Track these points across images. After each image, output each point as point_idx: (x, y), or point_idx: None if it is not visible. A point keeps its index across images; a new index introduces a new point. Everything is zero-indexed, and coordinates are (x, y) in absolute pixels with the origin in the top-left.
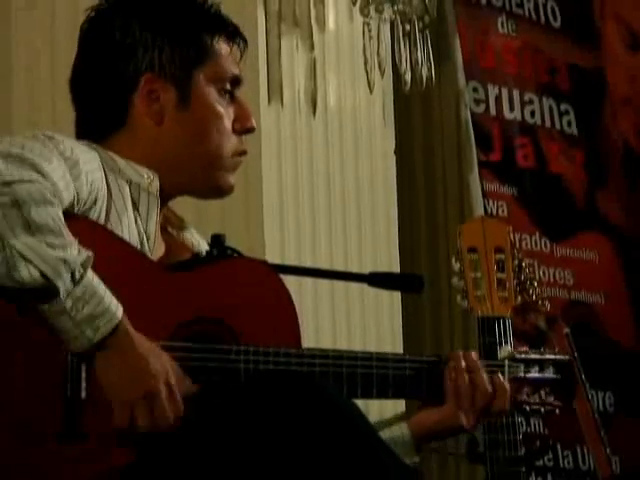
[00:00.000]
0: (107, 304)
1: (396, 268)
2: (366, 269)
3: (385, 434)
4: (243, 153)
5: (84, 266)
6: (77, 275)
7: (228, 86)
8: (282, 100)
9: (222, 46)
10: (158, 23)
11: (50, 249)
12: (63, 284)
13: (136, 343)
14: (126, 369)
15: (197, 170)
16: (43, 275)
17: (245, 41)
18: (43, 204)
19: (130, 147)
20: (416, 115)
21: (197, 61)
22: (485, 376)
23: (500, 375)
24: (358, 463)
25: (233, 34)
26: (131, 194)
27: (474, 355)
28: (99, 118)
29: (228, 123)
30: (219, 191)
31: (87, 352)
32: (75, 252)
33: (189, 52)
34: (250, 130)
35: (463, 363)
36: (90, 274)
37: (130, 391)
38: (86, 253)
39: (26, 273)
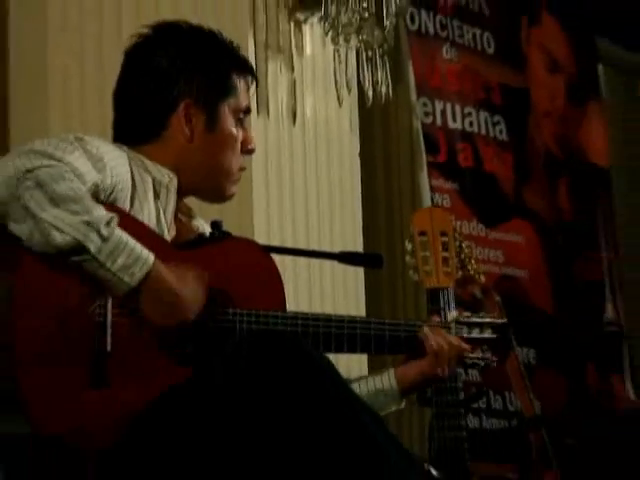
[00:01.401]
0: (138, 253)
1: (360, 248)
2: (336, 249)
3: (376, 385)
4: (243, 168)
5: (109, 224)
6: (104, 233)
7: (242, 115)
8: (268, 112)
9: (241, 82)
10: (197, 57)
11: (74, 215)
12: (92, 243)
13: (170, 282)
14: (163, 304)
15: (210, 179)
16: (74, 238)
17: (257, 79)
18: (62, 180)
19: (160, 155)
20: (377, 125)
21: (224, 94)
22: (452, 338)
23: (452, 330)
24: (326, 404)
25: (251, 72)
26: (154, 188)
27: (435, 318)
28: (138, 128)
29: (239, 146)
30: (223, 198)
31: (129, 294)
32: (97, 213)
33: (220, 86)
34: (251, 151)
35: (436, 328)
36: (118, 231)
37: (168, 320)
38: (110, 214)
39: (60, 239)
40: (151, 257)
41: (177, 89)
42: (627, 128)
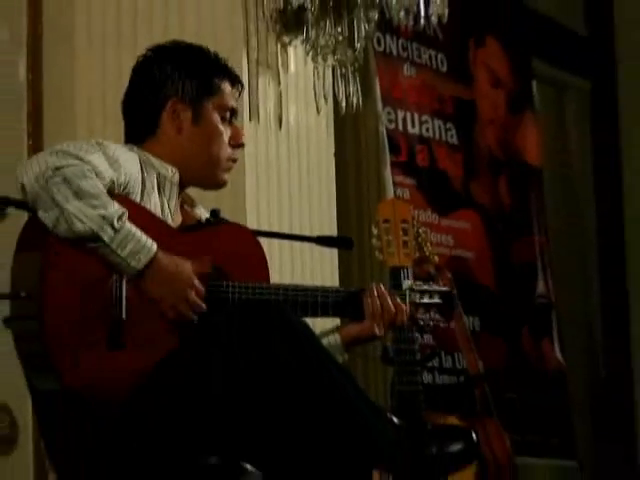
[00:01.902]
0: (144, 242)
1: (334, 233)
2: (314, 233)
3: (324, 340)
4: (234, 160)
5: (121, 218)
6: (116, 225)
7: (228, 115)
8: (258, 119)
9: (226, 86)
10: (184, 66)
11: (93, 209)
12: (106, 233)
13: (169, 266)
14: (163, 284)
15: (202, 168)
16: (91, 227)
17: (242, 85)
18: (84, 178)
19: (158, 148)
20: (348, 130)
21: (207, 93)
22: (390, 300)
23: (400, 300)
24: (304, 361)
25: (235, 79)
26: (158, 182)
27: (383, 287)
28: (138, 128)
29: (225, 139)
30: (217, 185)
31: (136, 276)
32: (112, 209)
33: (203, 86)
34: (240, 145)
35: (375, 292)
36: (128, 224)
37: (168, 298)
38: (122, 209)
39: (80, 228)
40: (154, 246)
41: (165, 90)
42: (555, 133)
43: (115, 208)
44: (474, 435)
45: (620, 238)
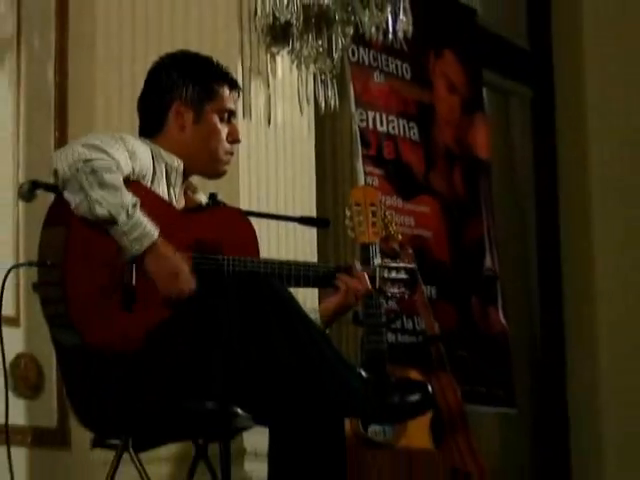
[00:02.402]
0: (148, 230)
1: (313, 214)
2: (297, 215)
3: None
4: (231, 153)
5: (134, 207)
6: (130, 212)
7: (226, 116)
8: (251, 117)
9: (225, 91)
10: (188, 73)
11: (113, 198)
12: (121, 218)
13: (166, 251)
14: (160, 265)
15: (204, 161)
16: (109, 212)
17: (240, 89)
18: (109, 172)
19: (165, 143)
20: (327, 127)
21: (208, 98)
22: (362, 277)
23: (367, 276)
24: (289, 325)
25: (234, 84)
26: (166, 171)
27: (357, 264)
28: (149, 125)
29: (223, 136)
30: (217, 175)
31: (139, 257)
32: (128, 199)
33: (203, 92)
34: (236, 141)
35: (353, 269)
36: (138, 212)
37: (164, 278)
38: (135, 199)
39: (100, 212)
40: (156, 234)
41: (171, 94)
42: (501, 133)
43: (130, 199)
44: (430, 387)
45: (555, 220)
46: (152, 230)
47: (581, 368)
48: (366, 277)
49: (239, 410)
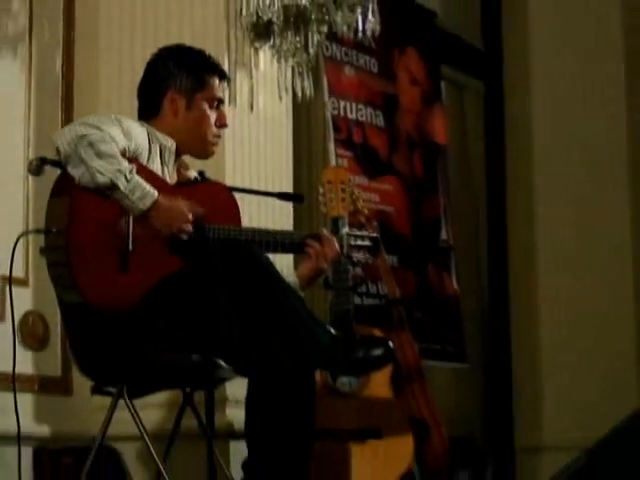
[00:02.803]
0: (148, 189)
1: (290, 190)
2: (275, 191)
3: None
4: (219, 136)
5: (132, 172)
6: (128, 177)
7: (215, 103)
8: (235, 104)
9: (215, 81)
10: (182, 64)
11: (111, 165)
12: (121, 182)
13: (167, 204)
14: (163, 218)
15: (194, 142)
16: (110, 179)
17: (229, 79)
18: (104, 142)
19: (161, 126)
20: (303, 114)
21: (199, 87)
22: (331, 243)
23: (339, 243)
24: (268, 287)
25: (223, 75)
26: (160, 151)
27: (325, 232)
28: (146, 110)
29: (212, 121)
30: (205, 156)
31: (143, 215)
32: (125, 165)
33: (196, 82)
34: (224, 126)
35: (322, 236)
36: (136, 176)
37: (166, 227)
38: (132, 165)
39: (102, 180)
40: (156, 193)
41: (166, 83)
42: (457, 121)
43: (126, 164)
44: (391, 343)
45: (502, 199)
46: (152, 190)
47: (523, 328)
48: (335, 243)
49: (222, 362)
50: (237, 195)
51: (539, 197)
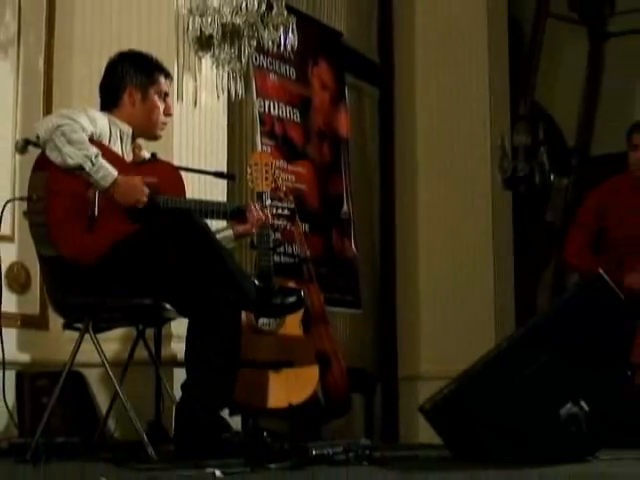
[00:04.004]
0: (110, 170)
1: (225, 170)
2: (213, 170)
3: (224, 232)
4: (165, 123)
5: (97, 156)
6: (94, 160)
7: (163, 95)
8: (182, 100)
9: (162, 78)
10: (138, 66)
11: (80, 151)
12: (87, 165)
13: (125, 181)
14: (123, 193)
15: (147, 128)
16: (78, 163)
17: (172, 77)
18: (74, 132)
19: (120, 114)
20: (236, 111)
21: (151, 83)
22: (261, 212)
23: (268, 211)
24: (205, 245)
25: (168, 74)
26: (120, 135)
27: (258, 205)
28: (108, 102)
29: (161, 110)
30: (155, 138)
31: (106, 190)
32: (92, 150)
33: (148, 79)
34: (169, 115)
35: (253, 207)
36: (101, 159)
37: (126, 197)
38: (97, 150)
39: (72, 162)
40: (116, 173)
41: (124, 80)
42: (358, 119)
43: (93, 150)
44: (302, 293)
45: (392, 179)
46: (113, 170)
47: (406, 281)
48: (267, 212)
49: (168, 305)
50: (182, 172)
51: (422, 181)
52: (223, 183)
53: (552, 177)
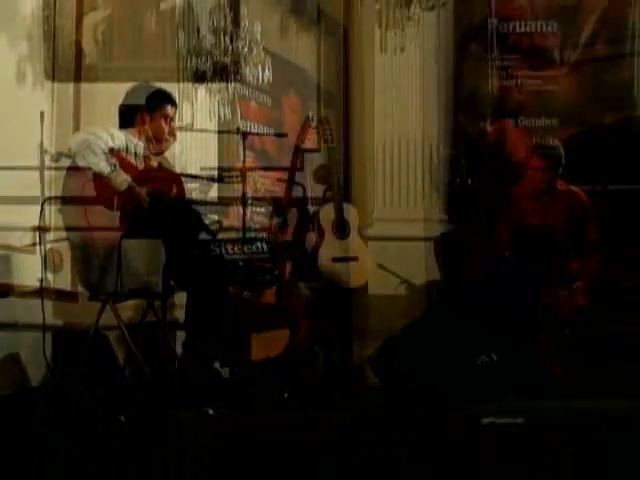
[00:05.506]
0: (125, 177)
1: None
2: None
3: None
4: (168, 141)
5: (115, 166)
6: (112, 169)
7: (169, 120)
8: (183, 121)
9: (168, 106)
10: (148, 95)
11: (101, 161)
12: (106, 171)
13: (135, 188)
14: (132, 195)
15: (154, 144)
16: (100, 170)
17: (176, 105)
18: (98, 145)
19: (135, 133)
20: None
21: (159, 109)
22: None
23: None
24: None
25: (173, 102)
26: (134, 149)
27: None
28: (125, 122)
29: (166, 130)
30: (161, 152)
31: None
32: (112, 161)
33: (158, 107)
34: (174, 136)
35: None
36: (118, 168)
37: (133, 199)
38: (115, 160)
39: (96, 169)
40: (129, 179)
41: (137, 106)
42: None
43: (112, 161)
44: (277, 272)
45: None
46: (127, 177)
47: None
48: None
49: (172, 282)
50: (182, 178)
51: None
52: (215, 186)
53: None
